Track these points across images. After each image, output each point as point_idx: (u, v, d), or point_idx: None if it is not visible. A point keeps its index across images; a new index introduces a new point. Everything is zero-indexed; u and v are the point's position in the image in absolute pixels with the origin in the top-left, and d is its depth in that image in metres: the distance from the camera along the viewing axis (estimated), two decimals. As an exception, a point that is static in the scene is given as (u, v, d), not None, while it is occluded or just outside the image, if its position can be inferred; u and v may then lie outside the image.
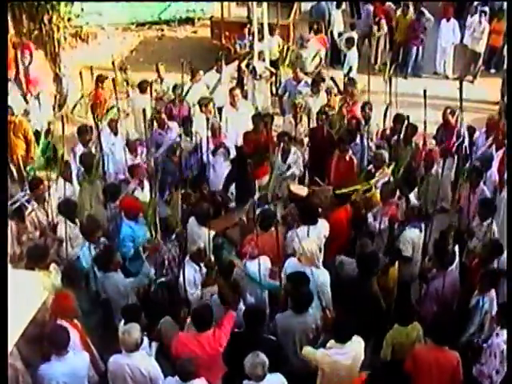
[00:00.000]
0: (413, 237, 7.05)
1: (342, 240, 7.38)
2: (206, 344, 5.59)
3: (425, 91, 8.19)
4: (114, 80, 9.20)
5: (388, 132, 9.08)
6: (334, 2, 14.30)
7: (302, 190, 8.07)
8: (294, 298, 5.97)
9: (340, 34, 13.78)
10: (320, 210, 7.37)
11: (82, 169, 8.08)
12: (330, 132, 9.19)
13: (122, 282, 6.57)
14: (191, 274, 6.53)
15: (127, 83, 11.17)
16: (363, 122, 9.18)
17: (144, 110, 7.55)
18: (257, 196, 7.46)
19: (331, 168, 8.73)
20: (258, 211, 7.14)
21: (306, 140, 9.36)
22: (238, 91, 9.93)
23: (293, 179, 8.73)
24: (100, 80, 10.19)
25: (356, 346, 5.63)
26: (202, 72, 10.64)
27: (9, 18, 11.35)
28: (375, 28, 13.73)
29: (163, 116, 9.38)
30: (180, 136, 8.80)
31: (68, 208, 7.12)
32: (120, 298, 6.47)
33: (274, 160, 8.48)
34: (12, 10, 11.29)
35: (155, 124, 9.25)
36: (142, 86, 10.15)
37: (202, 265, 6.63)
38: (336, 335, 5.61)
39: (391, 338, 5.99)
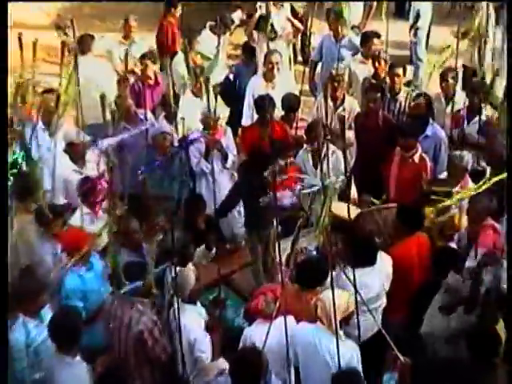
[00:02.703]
0: None
1: (413, 286, 7.38)
2: None
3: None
4: None
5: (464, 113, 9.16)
6: None
7: (352, 212, 7.55)
8: None
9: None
10: (378, 240, 7.48)
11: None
12: (388, 119, 9.27)
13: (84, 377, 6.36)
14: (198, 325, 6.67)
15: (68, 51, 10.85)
16: (443, 100, 9.36)
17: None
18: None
19: (391, 175, 8.84)
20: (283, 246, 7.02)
21: (351, 134, 9.36)
22: (277, 56, 10.20)
23: (333, 194, 8.38)
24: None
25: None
26: (198, 39, 11.05)
27: None
28: None
29: (129, 102, 9.38)
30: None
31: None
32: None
33: (302, 166, 8.62)
34: None
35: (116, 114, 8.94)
36: (84, 43, 10.22)
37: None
38: None
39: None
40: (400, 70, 9.80)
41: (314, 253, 7.64)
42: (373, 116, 9.23)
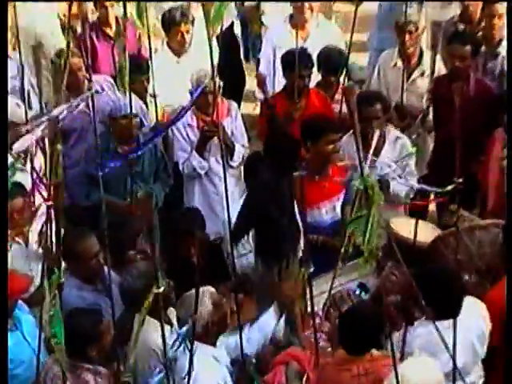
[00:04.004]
0: None
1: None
2: None
3: None
4: None
5: None
6: None
7: (427, 233, 7.66)
8: None
9: None
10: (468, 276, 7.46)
11: None
12: (485, 85, 9.26)
13: None
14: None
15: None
16: None
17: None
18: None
19: (490, 174, 8.90)
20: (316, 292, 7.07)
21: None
22: None
23: (395, 204, 8.74)
24: None
25: None
26: None
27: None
28: None
29: (77, 62, 9.21)
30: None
31: None
32: None
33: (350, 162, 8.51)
34: None
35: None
36: None
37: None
38: None
39: None
40: (501, 8, 9.54)
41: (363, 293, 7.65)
42: (461, 81, 9.05)
